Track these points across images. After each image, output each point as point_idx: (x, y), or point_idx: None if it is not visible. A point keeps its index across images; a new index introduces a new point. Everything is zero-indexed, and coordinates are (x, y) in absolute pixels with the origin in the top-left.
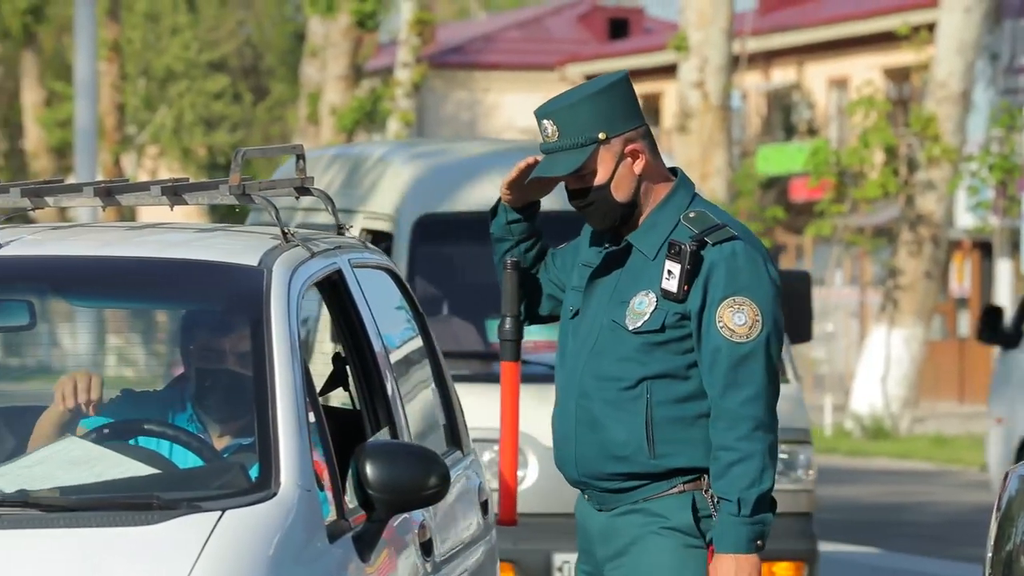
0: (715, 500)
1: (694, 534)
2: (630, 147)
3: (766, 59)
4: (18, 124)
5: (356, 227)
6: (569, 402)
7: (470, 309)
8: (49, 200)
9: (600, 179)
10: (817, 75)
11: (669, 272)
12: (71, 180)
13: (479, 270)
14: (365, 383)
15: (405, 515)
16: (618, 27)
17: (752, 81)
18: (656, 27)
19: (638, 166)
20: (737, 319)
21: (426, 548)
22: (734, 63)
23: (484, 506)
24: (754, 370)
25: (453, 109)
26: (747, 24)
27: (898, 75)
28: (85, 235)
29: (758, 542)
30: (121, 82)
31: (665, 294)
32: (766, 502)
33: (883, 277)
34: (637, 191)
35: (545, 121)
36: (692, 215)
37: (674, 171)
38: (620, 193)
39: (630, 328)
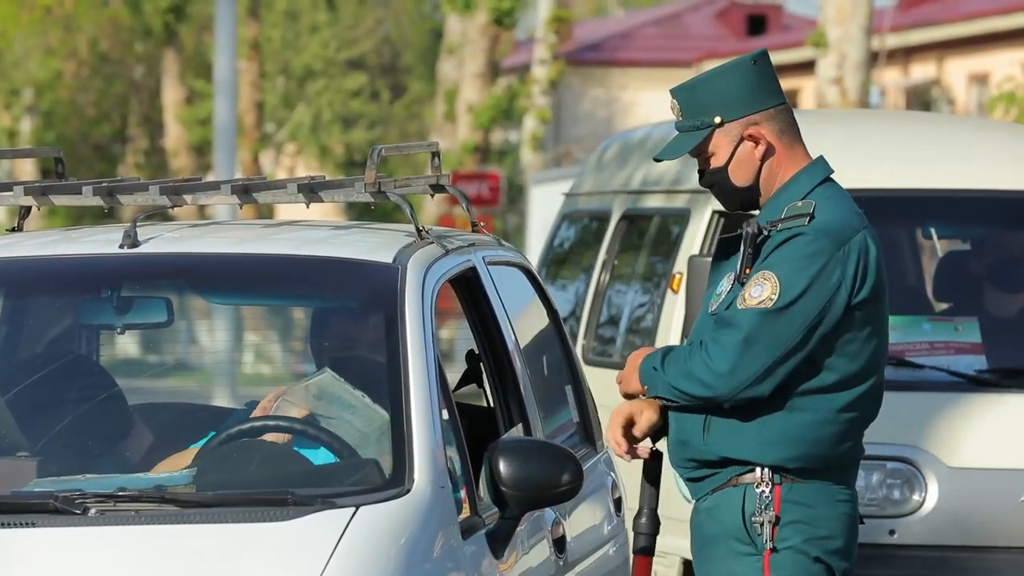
0: (766, 497)
1: (744, 539)
2: (750, 131)
3: (905, 55)
4: (159, 122)
5: (703, 211)
6: None
7: None
8: (187, 198)
9: (717, 163)
10: (957, 71)
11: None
12: (210, 178)
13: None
14: (499, 380)
15: (538, 512)
16: (756, 23)
17: (891, 77)
18: (794, 23)
19: (759, 151)
20: (755, 291)
21: (559, 545)
22: (873, 59)
23: (617, 503)
24: (731, 331)
25: (590, 106)
26: (886, 20)
27: None
28: (222, 233)
29: (645, 386)
30: (260, 80)
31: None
32: (659, 380)
33: None
34: (758, 175)
35: (673, 99)
36: (799, 204)
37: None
38: (738, 177)
39: (709, 310)
